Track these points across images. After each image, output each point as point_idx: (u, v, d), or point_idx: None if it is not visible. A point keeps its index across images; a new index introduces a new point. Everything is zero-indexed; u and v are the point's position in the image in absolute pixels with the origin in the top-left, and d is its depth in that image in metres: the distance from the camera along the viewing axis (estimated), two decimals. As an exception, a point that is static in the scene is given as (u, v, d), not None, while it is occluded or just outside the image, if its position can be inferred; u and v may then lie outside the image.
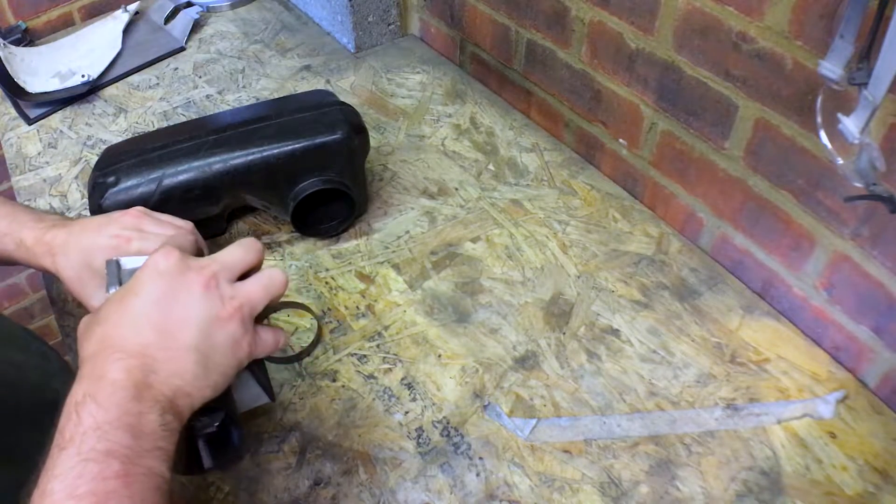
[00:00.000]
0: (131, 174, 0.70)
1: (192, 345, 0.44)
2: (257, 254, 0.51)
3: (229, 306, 0.47)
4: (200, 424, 0.48)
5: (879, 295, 0.60)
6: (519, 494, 0.58)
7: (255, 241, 0.51)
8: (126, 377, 0.41)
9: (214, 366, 0.46)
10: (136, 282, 0.46)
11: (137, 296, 0.45)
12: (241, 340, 0.47)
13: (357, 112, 0.78)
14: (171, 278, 0.46)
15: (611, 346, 0.68)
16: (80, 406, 0.40)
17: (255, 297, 0.48)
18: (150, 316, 0.44)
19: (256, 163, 0.72)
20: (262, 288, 0.49)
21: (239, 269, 0.49)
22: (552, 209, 0.82)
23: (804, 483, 0.58)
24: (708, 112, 0.69)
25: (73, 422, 0.39)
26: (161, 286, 0.45)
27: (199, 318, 0.45)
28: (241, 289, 0.48)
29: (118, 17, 1.16)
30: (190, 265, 0.47)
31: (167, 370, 0.43)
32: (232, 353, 0.47)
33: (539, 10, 0.84)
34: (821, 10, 0.54)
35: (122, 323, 0.44)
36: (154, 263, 0.46)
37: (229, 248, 0.50)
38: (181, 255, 0.47)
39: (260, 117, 0.76)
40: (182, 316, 0.45)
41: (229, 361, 0.47)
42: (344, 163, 0.75)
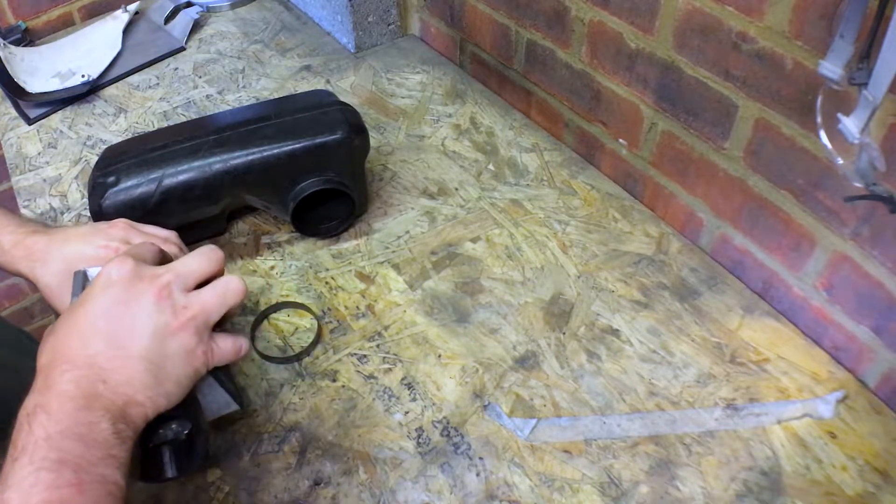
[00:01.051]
0: (131, 174, 0.71)
1: (142, 354, 0.44)
2: (216, 263, 0.50)
3: (182, 316, 0.46)
4: (165, 434, 0.48)
5: (879, 295, 0.60)
6: (519, 494, 0.58)
7: (215, 250, 0.51)
8: (75, 388, 0.41)
9: (166, 375, 0.45)
10: (89, 292, 0.46)
11: (88, 306, 0.45)
12: (196, 349, 0.47)
13: (357, 112, 0.78)
14: (123, 287, 0.45)
15: (611, 346, 0.68)
16: (32, 417, 0.40)
17: (211, 306, 0.48)
18: (98, 325, 0.44)
19: (256, 163, 0.72)
20: (218, 296, 0.48)
21: (195, 278, 0.49)
22: (552, 209, 0.82)
23: (804, 483, 0.58)
24: (708, 112, 0.69)
25: (24, 432, 0.39)
26: (112, 295, 0.45)
27: (150, 327, 0.45)
28: (195, 298, 0.47)
29: (118, 17, 1.16)
30: (143, 274, 0.47)
31: (116, 379, 0.43)
32: (186, 363, 0.46)
33: (539, 10, 0.84)
34: (821, 10, 0.54)
35: (71, 333, 0.44)
36: (107, 273, 0.46)
37: (187, 257, 0.49)
38: (135, 265, 0.47)
39: (260, 117, 0.76)
40: (132, 325, 0.45)
41: (183, 371, 0.46)
42: (344, 163, 0.75)
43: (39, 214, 0.87)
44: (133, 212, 0.71)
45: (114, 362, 0.43)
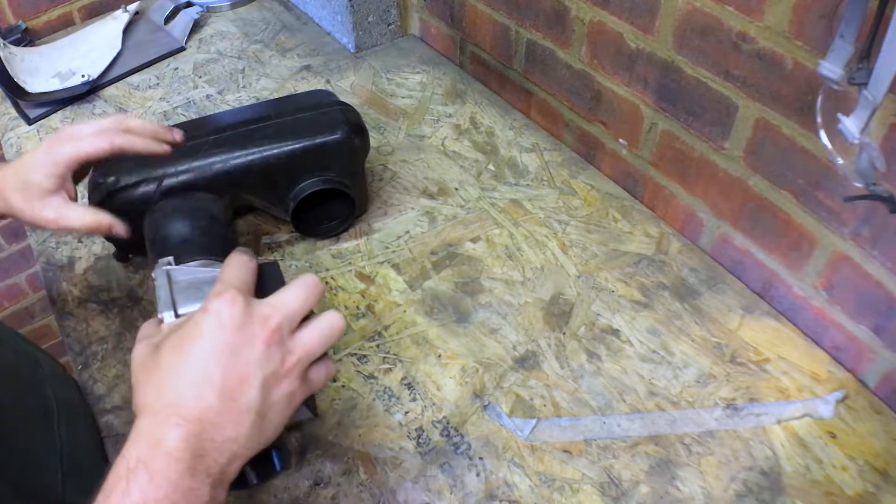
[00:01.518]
0: (131, 174, 0.70)
1: (251, 406, 0.42)
2: (318, 296, 0.47)
3: (288, 362, 0.44)
4: None
5: (879, 295, 0.60)
6: (519, 494, 0.58)
7: (317, 283, 0.47)
8: (184, 448, 0.39)
9: (269, 423, 0.44)
10: (198, 330, 0.43)
11: (198, 348, 0.42)
12: (297, 392, 0.45)
13: (357, 112, 0.78)
14: (234, 331, 0.43)
15: (611, 346, 0.68)
16: (132, 474, 0.38)
17: (313, 349, 0.46)
18: (211, 375, 0.41)
19: (256, 163, 0.72)
20: (323, 339, 0.46)
21: (300, 316, 0.46)
22: (552, 209, 0.82)
23: (804, 483, 0.58)
24: (708, 112, 0.69)
25: (121, 490, 0.38)
26: (223, 339, 0.42)
27: (260, 377, 0.43)
28: (299, 341, 0.45)
29: (118, 17, 1.16)
30: (253, 316, 0.44)
31: (224, 436, 0.41)
32: (288, 407, 0.45)
33: (539, 10, 0.84)
34: (821, 10, 0.54)
35: (182, 378, 0.42)
36: (217, 312, 0.43)
37: (290, 291, 0.46)
38: (244, 304, 0.44)
39: (260, 117, 0.76)
40: (243, 376, 0.42)
41: (284, 416, 0.45)
42: (344, 163, 0.75)
43: (39, 214, 0.87)
44: (133, 212, 0.71)
45: (224, 417, 0.41)
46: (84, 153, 0.61)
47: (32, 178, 0.60)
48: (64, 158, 0.61)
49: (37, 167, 0.60)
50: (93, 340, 0.72)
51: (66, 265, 0.80)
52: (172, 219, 0.63)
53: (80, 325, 0.74)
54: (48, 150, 0.61)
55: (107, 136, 0.61)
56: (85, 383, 0.68)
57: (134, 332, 0.72)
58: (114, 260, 0.79)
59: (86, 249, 0.82)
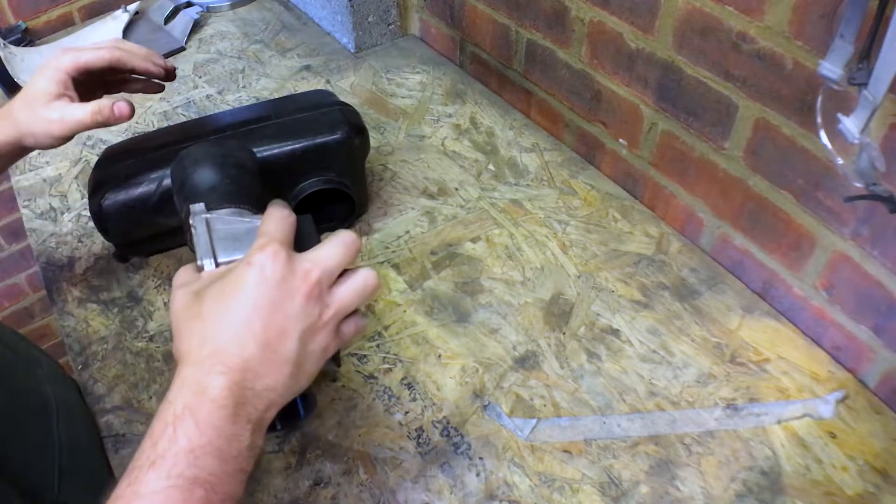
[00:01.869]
0: (131, 174, 0.71)
1: (289, 357, 0.44)
2: (356, 253, 0.48)
3: (325, 316, 0.46)
4: None
5: (879, 295, 0.60)
6: (519, 494, 0.58)
7: (355, 240, 0.48)
8: (227, 395, 0.41)
9: (303, 373, 0.45)
10: (241, 281, 0.44)
11: (241, 301, 0.43)
12: (331, 345, 0.47)
13: (357, 112, 0.78)
14: (276, 285, 0.44)
15: (611, 346, 0.68)
16: (178, 421, 0.39)
17: (348, 304, 0.47)
18: (253, 326, 0.43)
19: (256, 163, 0.72)
20: (357, 295, 0.47)
21: (338, 272, 0.47)
22: (552, 209, 0.82)
23: (804, 483, 0.58)
24: (708, 112, 0.69)
25: (168, 437, 0.39)
26: (266, 293, 0.43)
27: (299, 329, 0.44)
28: (336, 296, 0.46)
29: (118, 17, 1.16)
30: (294, 271, 0.45)
31: (264, 384, 0.43)
32: (321, 359, 0.46)
33: (539, 10, 0.84)
34: (821, 10, 0.54)
35: (226, 329, 0.43)
36: (260, 264, 0.44)
37: (329, 247, 0.47)
38: (287, 258, 0.45)
39: (260, 117, 0.76)
40: (283, 328, 0.43)
41: (317, 367, 0.46)
42: (344, 163, 0.75)
43: (39, 214, 0.87)
44: (133, 212, 0.71)
45: (264, 366, 0.43)
46: (84, 60, 0.63)
47: (36, 86, 0.61)
48: (65, 65, 0.62)
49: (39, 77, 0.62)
50: (93, 340, 0.72)
51: (66, 265, 0.80)
52: (202, 164, 0.62)
53: (80, 325, 0.74)
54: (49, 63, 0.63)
55: (107, 48, 0.64)
56: (85, 383, 0.68)
57: (134, 332, 0.72)
58: (114, 260, 0.79)
59: (86, 249, 0.82)
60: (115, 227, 0.73)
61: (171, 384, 0.42)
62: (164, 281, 0.77)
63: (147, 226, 0.74)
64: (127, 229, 0.74)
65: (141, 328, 0.73)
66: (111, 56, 0.64)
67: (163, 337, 0.72)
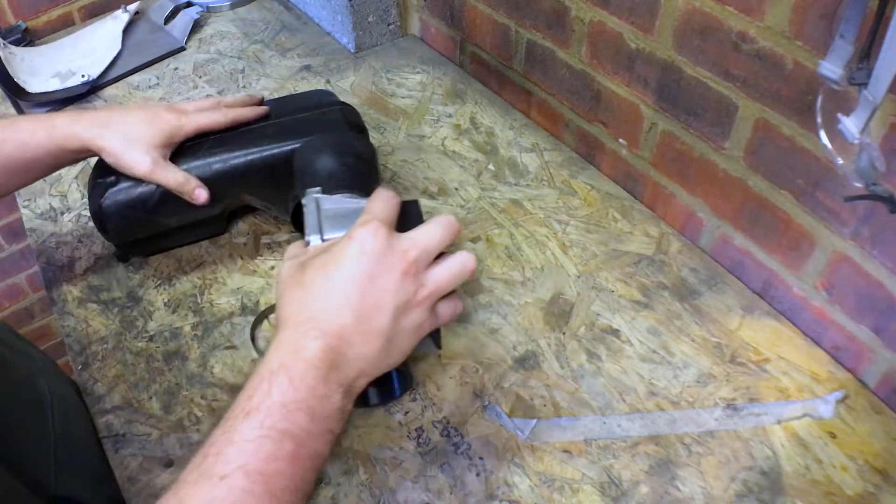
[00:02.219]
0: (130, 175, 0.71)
1: (382, 330, 0.46)
2: (455, 236, 0.50)
3: (420, 294, 0.47)
4: None
5: (879, 295, 0.60)
6: (519, 494, 0.58)
7: (454, 222, 0.50)
8: (321, 357, 0.43)
9: (396, 348, 0.47)
10: (342, 254, 0.47)
11: (341, 272, 0.46)
12: (424, 323, 0.49)
13: (357, 112, 0.78)
14: (375, 260, 0.46)
15: (611, 346, 0.68)
16: (274, 377, 0.42)
17: (444, 285, 0.49)
18: (350, 296, 0.45)
19: (256, 163, 0.72)
20: (454, 276, 0.49)
21: (436, 252, 0.49)
22: (552, 209, 0.82)
23: (804, 483, 0.58)
24: (708, 112, 0.69)
25: (262, 391, 0.42)
26: (364, 266, 0.46)
27: (393, 304, 0.46)
28: (433, 276, 0.48)
29: (118, 17, 1.16)
30: (393, 247, 0.47)
31: (355, 353, 0.45)
32: (414, 336, 0.48)
33: (539, 10, 0.84)
34: (821, 10, 0.54)
35: (324, 297, 0.45)
36: (361, 239, 0.47)
37: (429, 228, 0.49)
38: (387, 236, 0.47)
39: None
40: (378, 301, 0.46)
41: (410, 343, 0.48)
42: None
43: (39, 214, 0.87)
44: (133, 212, 0.71)
45: (357, 336, 0.45)
46: (204, 125, 0.70)
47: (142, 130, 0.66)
48: (186, 131, 0.69)
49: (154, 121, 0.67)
50: (93, 340, 0.72)
51: (66, 265, 0.80)
52: (322, 153, 0.67)
53: (80, 325, 0.74)
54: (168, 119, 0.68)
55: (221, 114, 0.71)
56: (85, 383, 0.68)
57: (134, 332, 0.72)
58: (114, 260, 0.80)
59: (86, 249, 0.82)
60: (115, 227, 0.73)
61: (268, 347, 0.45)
62: (164, 281, 0.77)
63: (147, 226, 0.74)
64: (127, 229, 0.74)
65: (141, 328, 0.73)
66: (226, 121, 0.71)
67: (163, 337, 0.72)
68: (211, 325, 0.73)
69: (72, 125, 0.66)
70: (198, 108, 0.72)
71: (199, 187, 0.69)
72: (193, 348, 0.71)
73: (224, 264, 0.79)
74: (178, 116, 0.69)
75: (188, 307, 0.75)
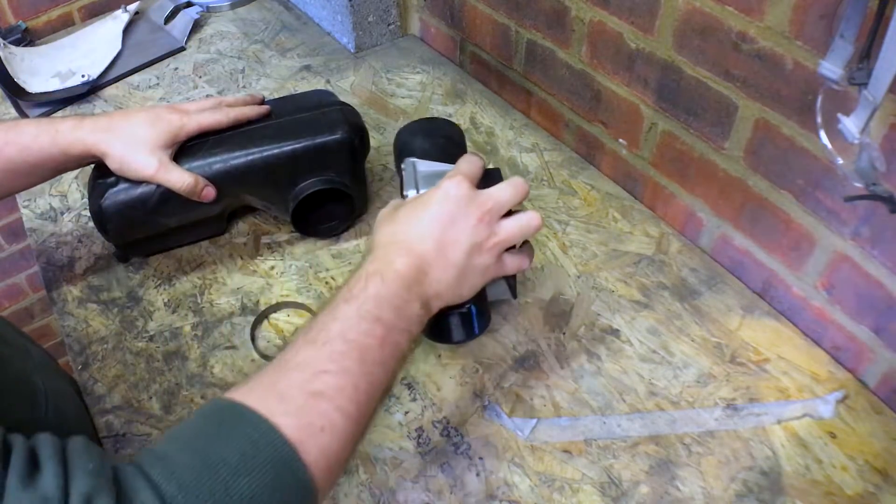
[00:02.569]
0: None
1: (456, 262, 0.54)
2: (524, 195, 0.58)
3: (491, 240, 0.55)
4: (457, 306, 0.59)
5: (879, 295, 0.60)
6: (519, 494, 0.58)
7: (524, 184, 0.58)
8: (406, 270, 0.52)
9: (466, 282, 0.55)
10: (430, 198, 0.56)
11: (428, 211, 0.55)
12: (491, 267, 0.56)
13: (357, 112, 0.78)
14: (457, 205, 0.55)
15: (611, 346, 0.68)
16: (370, 277, 0.50)
17: (512, 236, 0.56)
18: (433, 230, 0.54)
19: (256, 163, 0.72)
20: (521, 229, 0.57)
21: (508, 208, 0.57)
22: (552, 209, 0.82)
23: (804, 483, 0.58)
24: (708, 112, 0.69)
25: (360, 286, 0.50)
26: (448, 209, 0.55)
27: (468, 243, 0.54)
28: (503, 227, 0.56)
29: (118, 17, 1.16)
30: (473, 198, 0.56)
31: (434, 276, 0.53)
32: (482, 276, 0.56)
33: (539, 10, 0.84)
34: (821, 10, 0.54)
35: (412, 228, 0.55)
36: (447, 188, 0.56)
37: (503, 187, 0.57)
38: (469, 188, 0.56)
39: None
40: (456, 238, 0.54)
41: (478, 281, 0.57)
42: (344, 163, 0.75)
43: (39, 214, 0.87)
44: (133, 212, 0.71)
45: (435, 262, 0.53)
46: (207, 125, 0.72)
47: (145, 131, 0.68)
48: (189, 130, 0.70)
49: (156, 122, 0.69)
50: (93, 340, 0.72)
51: (66, 265, 0.80)
52: (417, 134, 0.74)
53: (80, 325, 0.74)
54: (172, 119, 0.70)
55: (222, 113, 0.73)
56: (85, 383, 0.68)
57: (134, 332, 0.72)
58: (114, 260, 0.80)
59: (86, 249, 0.82)
60: (116, 228, 0.73)
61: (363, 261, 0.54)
62: (164, 281, 0.77)
63: (147, 226, 0.74)
64: (127, 229, 0.74)
65: (141, 328, 0.73)
66: (228, 120, 0.73)
67: (163, 337, 0.72)
68: (211, 325, 0.73)
69: (75, 131, 0.66)
70: (199, 108, 0.73)
71: (208, 186, 0.71)
72: (193, 348, 0.71)
73: (224, 264, 0.79)
74: (180, 117, 0.70)
75: (188, 307, 0.75)
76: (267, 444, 0.40)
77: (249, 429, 0.41)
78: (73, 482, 0.36)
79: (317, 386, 0.44)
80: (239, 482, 0.39)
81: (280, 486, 0.40)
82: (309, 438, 0.42)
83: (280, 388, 0.43)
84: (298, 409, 0.43)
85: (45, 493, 0.35)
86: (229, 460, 0.39)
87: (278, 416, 0.41)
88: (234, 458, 0.39)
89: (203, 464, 0.39)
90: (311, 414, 0.43)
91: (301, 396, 0.43)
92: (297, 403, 0.43)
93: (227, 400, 0.43)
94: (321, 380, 0.44)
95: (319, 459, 0.42)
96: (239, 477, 0.39)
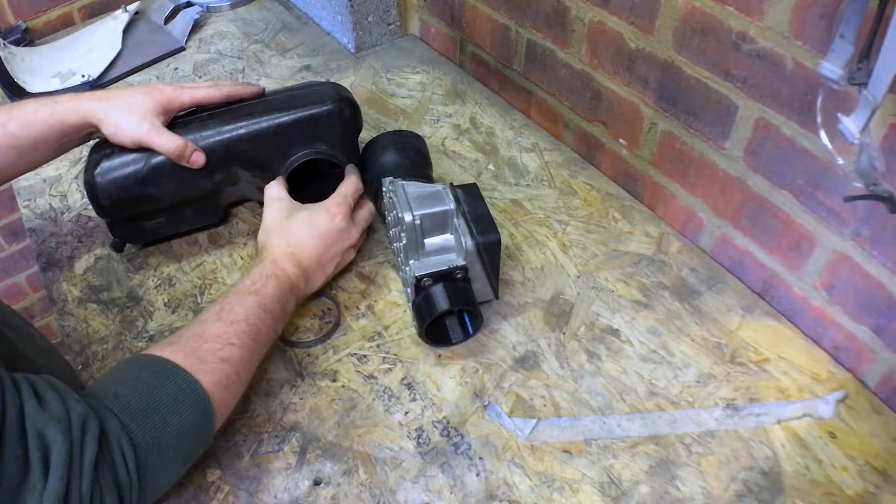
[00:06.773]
0: (124, 149, 0.71)
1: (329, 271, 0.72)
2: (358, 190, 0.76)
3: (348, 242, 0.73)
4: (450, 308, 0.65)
5: (879, 295, 0.60)
6: (519, 494, 0.58)
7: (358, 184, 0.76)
8: (295, 279, 0.67)
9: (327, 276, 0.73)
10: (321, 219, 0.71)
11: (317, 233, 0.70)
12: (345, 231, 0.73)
13: (347, 88, 0.79)
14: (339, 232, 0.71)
15: (611, 346, 0.68)
16: (269, 278, 0.65)
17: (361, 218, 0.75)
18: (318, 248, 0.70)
19: (247, 135, 0.73)
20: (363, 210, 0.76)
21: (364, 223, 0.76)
22: (552, 209, 0.82)
23: (804, 483, 0.58)
24: (708, 112, 0.69)
25: (262, 282, 0.64)
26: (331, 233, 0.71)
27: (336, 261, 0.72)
28: (356, 231, 0.74)
29: (118, 17, 1.16)
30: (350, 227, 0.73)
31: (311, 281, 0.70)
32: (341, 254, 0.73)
33: (539, 10, 0.84)
34: (821, 10, 0.54)
35: (303, 244, 0.69)
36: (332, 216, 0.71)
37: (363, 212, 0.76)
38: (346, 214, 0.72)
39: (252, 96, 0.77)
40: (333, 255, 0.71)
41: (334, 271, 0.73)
42: (335, 135, 0.76)
43: (39, 214, 0.87)
44: (125, 181, 0.71)
45: (315, 272, 0.70)
46: (200, 98, 0.74)
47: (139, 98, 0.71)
48: (181, 101, 0.73)
49: (151, 91, 0.72)
50: (93, 340, 0.72)
51: (66, 265, 0.80)
52: (387, 150, 0.78)
53: (80, 325, 0.74)
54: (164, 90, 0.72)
55: (216, 87, 0.76)
56: (85, 383, 0.68)
57: (134, 332, 0.72)
58: (114, 260, 0.79)
59: (86, 249, 0.82)
60: (108, 199, 0.71)
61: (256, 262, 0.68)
62: (164, 281, 0.77)
63: (140, 201, 0.73)
64: (119, 203, 0.72)
65: (141, 328, 0.73)
66: (221, 95, 0.75)
67: (163, 337, 0.72)
68: (211, 325, 0.73)
69: (73, 101, 0.69)
70: (195, 84, 0.77)
71: (197, 150, 0.72)
72: (193, 348, 0.71)
73: (224, 264, 0.79)
74: (174, 88, 0.73)
75: (188, 307, 0.75)
76: (192, 392, 0.54)
77: (179, 380, 0.54)
78: (70, 406, 0.47)
79: (225, 354, 0.58)
80: (172, 419, 0.52)
81: (198, 423, 0.54)
82: (217, 391, 0.56)
83: (200, 353, 0.57)
84: (213, 369, 0.56)
85: (54, 414, 0.46)
86: (165, 402, 0.52)
87: (199, 374, 0.55)
88: (168, 401, 0.52)
89: (147, 402, 0.52)
90: (220, 374, 0.57)
91: (214, 360, 0.57)
92: (212, 365, 0.56)
93: (157, 356, 0.55)
94: (228, 350, 0.58)
95: (220, 407, 0.57)
96: (172, 415, 0.52)
